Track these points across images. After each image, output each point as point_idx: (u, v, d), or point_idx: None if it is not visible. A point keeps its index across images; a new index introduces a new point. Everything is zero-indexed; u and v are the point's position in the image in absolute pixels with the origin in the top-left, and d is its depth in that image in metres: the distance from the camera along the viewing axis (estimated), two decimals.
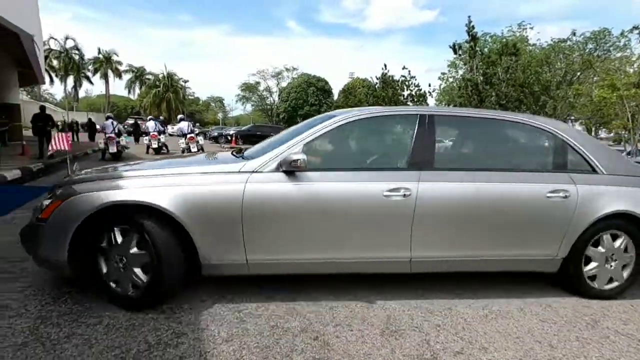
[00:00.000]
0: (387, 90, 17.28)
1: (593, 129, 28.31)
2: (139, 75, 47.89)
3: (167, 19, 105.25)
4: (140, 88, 48.24)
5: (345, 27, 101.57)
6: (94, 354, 1.80)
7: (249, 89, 50.78)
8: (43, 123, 10.15)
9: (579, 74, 23.79)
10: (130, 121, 28.32)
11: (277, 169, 2.36)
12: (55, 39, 40.53)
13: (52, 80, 41.02)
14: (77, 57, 42.51)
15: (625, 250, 2.67)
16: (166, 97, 43.46)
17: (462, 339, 2.10)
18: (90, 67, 44.63)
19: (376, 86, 19.48)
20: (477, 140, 3.02)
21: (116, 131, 11.88)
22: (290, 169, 2.32)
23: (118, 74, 45.88)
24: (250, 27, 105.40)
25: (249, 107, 53.69)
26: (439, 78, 27.86)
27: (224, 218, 2.27)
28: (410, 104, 17.07)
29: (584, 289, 2.69)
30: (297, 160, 2.27)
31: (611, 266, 2.67)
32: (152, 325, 2.07)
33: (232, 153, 3.03)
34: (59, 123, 18.70)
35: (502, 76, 13.40)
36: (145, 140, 14.74)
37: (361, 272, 2.64)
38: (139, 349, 1.86)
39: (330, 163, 2.69)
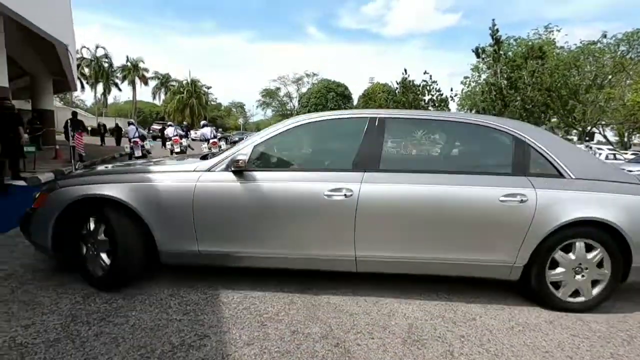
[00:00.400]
0: (408, 95, 17.15)
1: (626, 134, 27.05)
2: (164, 82, 49.49)
3: (193, 27, 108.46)
4: (165, 94, 49.78)
5: (365, 32, 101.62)
6: (121, 353, 1.86)
7: (269, 95, 51.57)
8: (74, 128, 10.61)
9: (610, 77, 22.85)
10: (156, 126, 29.20)
11: (226, 169, 2.55)
12: (87, 48, 42.52)
13: (83, 87, 42.98)
14: (106, 65, 44.35)
15: (599, 261, 2.44)
16: (189, 103, 44.68)
17: (487, 351, 2.03)
18: (118, 75, 46.46)
19: (396, 91, 19.38)
20: (429, 142, 3.04)
21: (138, 135, 12.34)
22: (236, 169, 2.51)
23: (144, 81, 47.56)
24: (272, 33, 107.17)
25: (269, 113, 54.53)
26: (462, 82, 27.41)
27: (178, 211, 2.52)
28: (431, 108, 16.88)
29: (549, 300, 2.53)
30: (239, 160, 2.47)
31: (581, 277, 2.47)
32: (175, 327, 2.11)
33: (201, 156, 3.17)
34: (89, 127, 19.51)
35: (528, 80, 13.05)
36: (168, 144, 15.20)
37: (309, 268, 2.65)
38: (163, 350, 1.90)
39: (278, 163, 2.86)
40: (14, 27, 7.38)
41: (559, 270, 2.48)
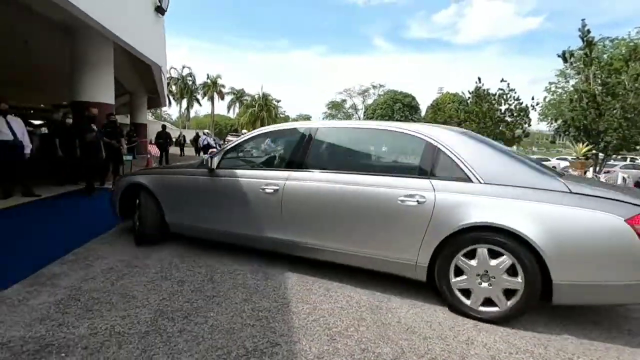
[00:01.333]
0: (482, 104, 16.12)
1: None
2: (238, 96, 53.17)
3: (267, 45, 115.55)
4: (239, 108, 53.40)
5: (435, 41, 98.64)
6: (201, 352, 1.97)
7: (335, 107, 52.36)
8: (163, 139, 11.88)
9: None
10: (231, 137, 31.42)
11: (204, 167, 3.48)
12: (175, 68, 47.62)
13: (170, 103, 48.08)
14: (190, 83, 49.17)
15: (510, 270, 2.31)
16: (260, 116, 47.24)
17: None
18: (200, 91, 51.11)
19: (468, 101, 18.37)
20: (349, 147, 3.37)
21: (205, 144, 13.44)
22: (206, 167, 3.43)
23: (221, 96, 51.59)
24: (340, 47, 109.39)
25: None
26: (546, 89, 24.94)
27: (176, 195, 3.64)
28: (509, 119, 15.65)
29: (456, 305, 2.50)
30: (203, 160, 3.50)
31: (488, 286, 2.38)
32: (249, 332, 2.18)
33: None
34: (174, 139, 21.69)
35: (630, 85, 11.39)
36: None
37: (254, 246, 3.35)
38: (238, 353, 1.97)
39: (237, 164, 3.64)
40: (119, 52, 8.55)
41: (464, 277, 2.45)
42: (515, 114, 15.43)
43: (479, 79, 16.20)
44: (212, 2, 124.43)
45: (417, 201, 2.50)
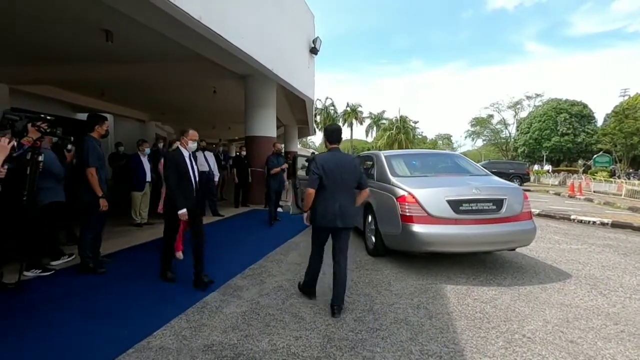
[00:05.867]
0: None
1: None
2: (376, 121, 54.55)
3: (401, 69, 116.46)
4: (377, 132, 54.65)
5: (613, 34, 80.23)
6: None
7: (479, 124, 47.92)
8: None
9: None
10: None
11: None
12: (319, 99, 52.49)
13: (315, 131, 52.84)
14: (332, 112, 53.24)
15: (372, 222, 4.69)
16: (398, 139, 47.07)
17: None
18: (340, 118, 54.72)
19: None
20: (364, 163, 5.62)
21: None
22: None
23: (360, 121, 53.96)
24: (482, 59, 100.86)
25: (479, 143, 50.64)
26: None
27: None
28: None
29: (368, 247, 4.82)
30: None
31: (370, 235, 4.77)
32: None
33: None
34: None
35: None
36: None
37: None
38: None
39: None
40: (278, 90, 9.88)
41: (368, 230, 4.88)
42: None
43: None
44: (352, 38, 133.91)
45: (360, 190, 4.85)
